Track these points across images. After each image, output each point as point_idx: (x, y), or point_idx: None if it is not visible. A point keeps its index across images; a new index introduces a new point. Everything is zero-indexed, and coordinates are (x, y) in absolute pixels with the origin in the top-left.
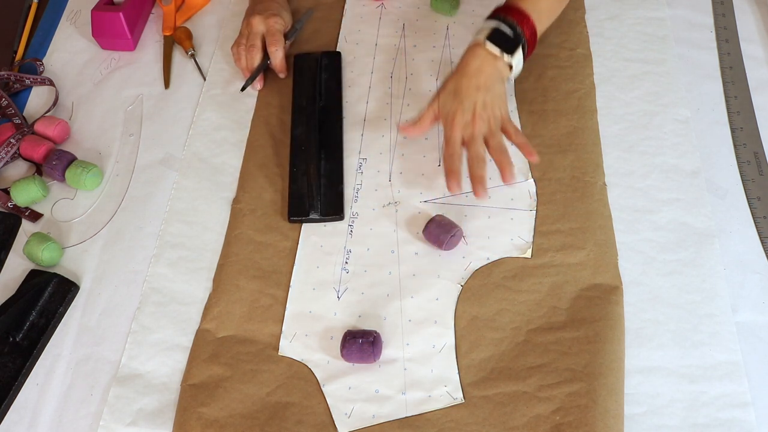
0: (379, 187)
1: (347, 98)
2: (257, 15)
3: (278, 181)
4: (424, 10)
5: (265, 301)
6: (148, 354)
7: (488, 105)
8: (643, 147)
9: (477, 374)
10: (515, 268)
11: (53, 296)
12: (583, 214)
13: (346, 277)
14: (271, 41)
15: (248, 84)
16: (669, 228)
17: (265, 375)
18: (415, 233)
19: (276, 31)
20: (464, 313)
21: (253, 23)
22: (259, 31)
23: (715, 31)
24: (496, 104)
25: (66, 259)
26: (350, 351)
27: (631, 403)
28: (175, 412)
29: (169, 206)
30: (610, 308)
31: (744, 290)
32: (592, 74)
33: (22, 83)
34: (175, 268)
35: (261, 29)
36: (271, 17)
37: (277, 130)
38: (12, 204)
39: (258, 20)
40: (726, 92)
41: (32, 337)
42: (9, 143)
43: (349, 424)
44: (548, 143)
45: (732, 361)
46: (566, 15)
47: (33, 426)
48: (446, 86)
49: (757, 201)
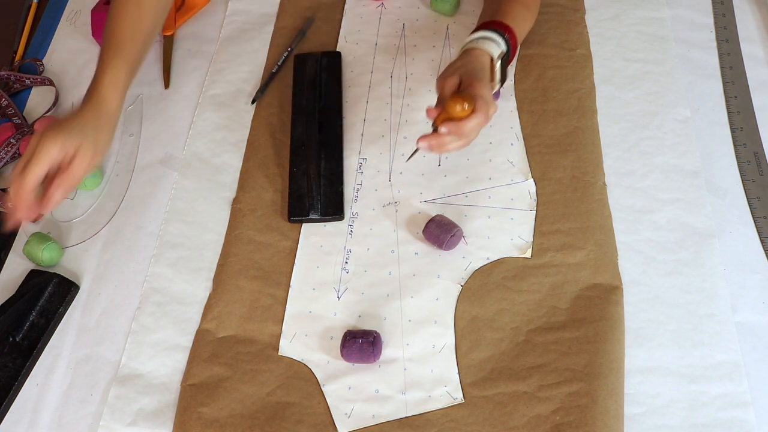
0: (379, 187)
1: (347, 98)
2: (75, 137)
3: (278, 181)
4: (424, 10)
5: (265, 301)
6: (148, 354)
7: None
8: (643, 147)
9: (477, 374)
10: (515, 268)
11: (53, 296)
12: (583, 214)
13: (346, 277)
14: (58, 181)
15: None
16: (669, 228)
17: (265, 375)
18: (415, 233)
19: (78, 176)
20: (464, 313)
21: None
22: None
23: (715, 31)
24: None
25: (66, 259)
26: (350, 351)
27: (631, 403)
28: (175, 412)
29: (169, 206)
30: (610, 308)
31: (744, 290)
32: (592, 74)
33: (22, 83)
34: (175, 268)
35: (52, 156)
36: (89, 155)
37: (277, 130)
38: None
39: (48, 146)
40: (726, 92)
41: (32, 337)
42: (9, 143)
43: (349, 424)
44: (548, 143)
45: (732, 361)
46: (566, 15)
47: (33, 426)
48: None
49: (757, 201)
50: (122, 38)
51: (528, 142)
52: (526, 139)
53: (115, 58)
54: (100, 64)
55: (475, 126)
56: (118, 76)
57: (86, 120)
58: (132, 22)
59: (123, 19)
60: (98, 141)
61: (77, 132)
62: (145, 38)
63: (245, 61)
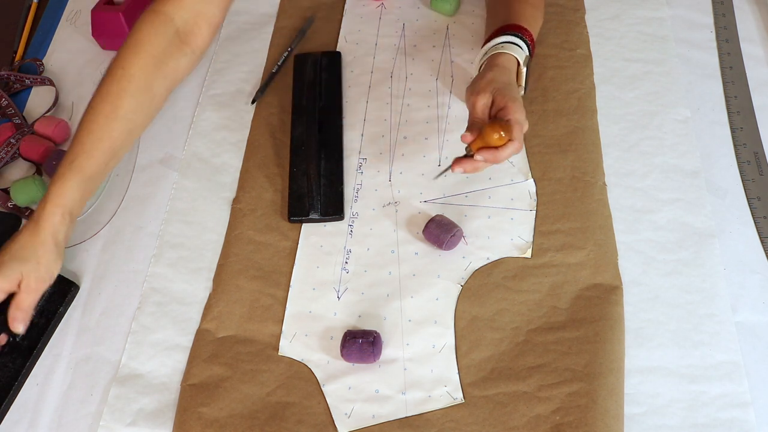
0: (379, 187)
1: (347, 98)
2: (9, 272)
3: (278, 181)
4: (424, 10)
5: (265, 301)
6: (148, 354)
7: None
8: (643, 147)
9: (477, 374)
10: (515, 268)
11: (53, 296)
12: (583, 214)
13: (346, 277)
14: (20, 303)
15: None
16: (669, 228)
17: (265, 375)
18: (415, 233)
19: (29, 300)
20: (464, 313)
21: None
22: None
23: (715, 31)
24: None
25: (66, 259)
26: (350, 351)
27: (631, 403)
28: (175, 412)
29: (169, 206)
30: (610, 308)
31: (744, 290)
32: (592, 74)
33: (22, 83)
34: (175, 268)
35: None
36: (32, 284)
37: (277, 130)
38: (12, 204)
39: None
40: (726, 92)
41: (32, 337)
42: (9, 143)
43: (349, 424)
44: (548, 143)
45: (732, 361)
46: (566, 15)
47: (33, 426)
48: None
49: (757, 201)
50: (82, 149)
51: (528, 142)
52: (526, 139)
53: (69, 171)
54: (53, 176)
55: (511, 153)
56: (65, 196)
57: (23, 246)
58: (99, 134)
59: (89, 126)
60: (39, 267)
61: (16, 262)
62: (111, 153)
63: (245, 61)
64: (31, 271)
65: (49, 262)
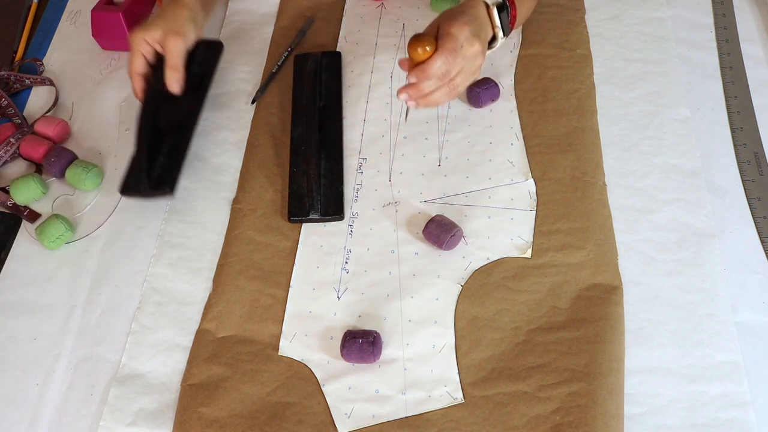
0: (379, 187)
1: (347, 98)
2: (154, 29)
3: (278, 181)
4: (424, 10)
5: (265, 301)
6: (148, 354)
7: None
8: (643, 147)
9: (477, 374)
10: (515, 268)
11: (206, 55)
12: (583, 214)
13: (346, 277)
14: (169, 62)
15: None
16: (669, 228)
17: (265, 375)
18: (415, 233)
19: (173, 53)
20: (464, 313)
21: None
22: (148, 50)
23: (715, 31)
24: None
25: (66, 257)
26: (350, 351)
27: (631, 403)
28: (175, 412)
29: (169, 206)
30: (610, 308)
31: (744, 290)
32: (592, 74)
33: (22, 83)
34: (175, 268)
35: (141, 47)
36: (171, 35)
37: (277, 130)
38: (11, 202)
39: (154, 35)
40: (726, 92)
41: (199, 85)
42: (9, 143)
43: (349, 424)
44: (548, 143)
45: (732, 361)
46: (566, 15)
47: (33, 426)
48: (454, 32)
49: (757, 201)
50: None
51: (528, 142)
52: (526, 139)
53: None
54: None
55: (441, 66)
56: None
57: (164, 13)
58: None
59: None
60: (177, 24)
61: (156, 23)
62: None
63: (245, 61)
64: (170, 28)
65: (183, 21)
